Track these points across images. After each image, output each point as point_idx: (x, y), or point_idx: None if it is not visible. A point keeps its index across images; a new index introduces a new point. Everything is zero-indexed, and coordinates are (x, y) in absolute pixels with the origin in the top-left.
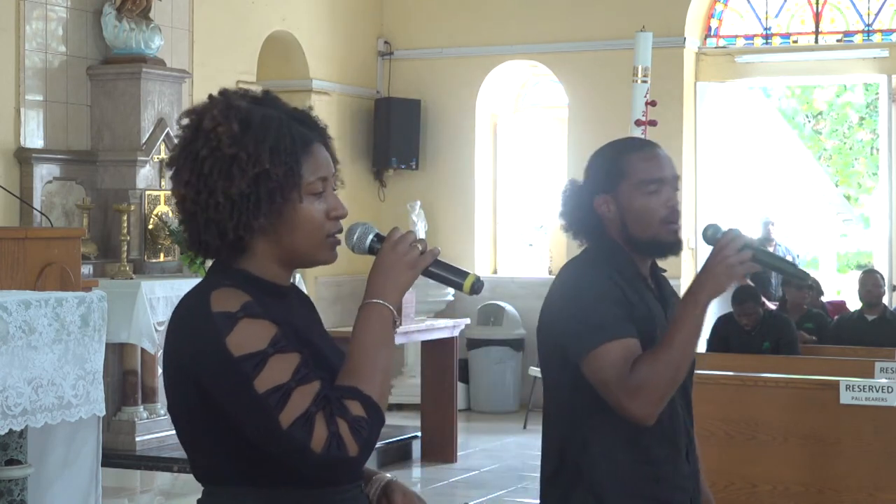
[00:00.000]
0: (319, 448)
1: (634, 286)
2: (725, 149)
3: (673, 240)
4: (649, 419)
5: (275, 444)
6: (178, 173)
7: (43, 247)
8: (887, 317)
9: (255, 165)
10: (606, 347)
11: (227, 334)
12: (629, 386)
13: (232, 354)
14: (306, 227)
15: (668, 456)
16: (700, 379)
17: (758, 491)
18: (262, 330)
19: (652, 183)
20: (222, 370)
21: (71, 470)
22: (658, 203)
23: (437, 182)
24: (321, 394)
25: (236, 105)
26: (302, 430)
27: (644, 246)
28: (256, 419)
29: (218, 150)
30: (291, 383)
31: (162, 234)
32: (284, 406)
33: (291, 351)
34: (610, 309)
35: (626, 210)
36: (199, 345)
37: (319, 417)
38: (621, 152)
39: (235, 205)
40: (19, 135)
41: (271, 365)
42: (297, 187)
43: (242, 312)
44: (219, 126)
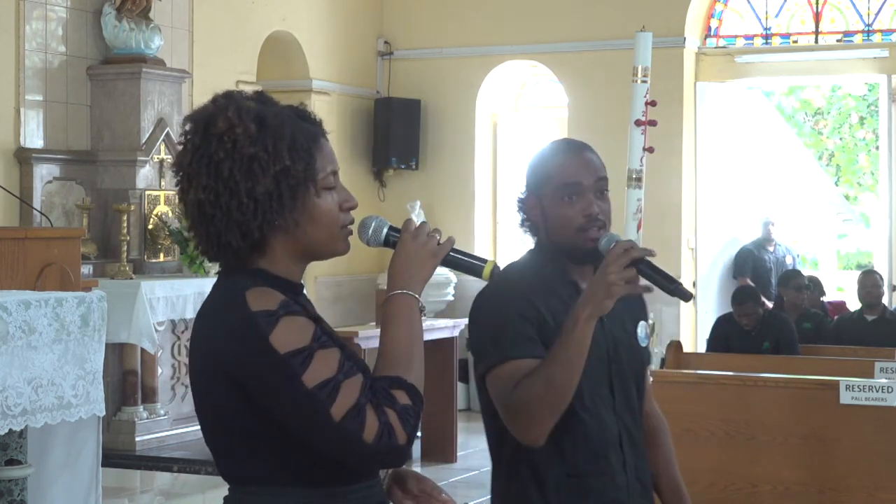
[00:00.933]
0: (371, 438)
1: (560, 295)
2: (725, 149)
3: (591, 248)
4: (535, 441)
5: (327, 437)
6: (192, 178)
7: (43, 247)
8: (887, 317)
9: (277, 163)
10: (500, 368)
11: (270, 332)
12: (510, 407)
13: (278, 352)
14: (324, 220)
15: (598, 469)
16: (700, 379)
17: (758, 491)
18: (303, 326)
19: (567, 189)
20: (268, 368)
21: (71, 470)
22: (575, 211)
23: (437, 182)
24: (366, 385)
25: (247, 106)
26: (354, 421)
27: (564, 252)
28: (306, 414)
29: (236, 152)
30: (339, 376)
31: (162, 234)
32: (335, 399)
33: (332, 346)
34: (512, 326)
35: (546, 214)
36: (242, 345)
37: (370, 408)
38: (547, 155)
39: (259, 203)
40: (19, 135)
41: (317, 360)
42: (315, 182)
43: (283, 310)
44: (235, 127)
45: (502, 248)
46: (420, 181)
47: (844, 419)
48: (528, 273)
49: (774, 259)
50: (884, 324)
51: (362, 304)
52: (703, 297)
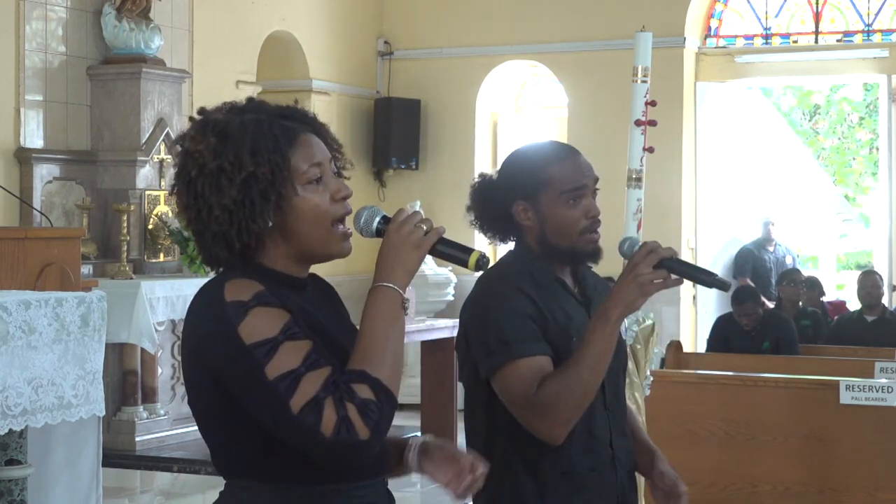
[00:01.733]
0: (329, 432)
1: (552, 292)
2: (725, 149)
3: (591, 249)
4: (557, 439)
5: (286, 429)
6: (178, 198)
7: (43, 247)
8: (887, 317)
9: (241, 171)
10: (512, 366)
11: (239, 323)
12: (535, 406)
13: (244, 342)
14: (310, 215)
15: (590, 466)
16: (700, 379)
17: (758, 491)
18: (273, 318)
19: (573, 193)
20: (235, 358)
21: (71, 470)
22: (578, 214)
23: (437, 182)
24: (331, 379)
25: (213, 119)
26: (311, 414)
27: (562, 254)
28: (268, 405)
29: (204, 167)
30: (301, 369)
31: (162, 234)
32: (294, 391)
33: (303, 338)
34: (517, 325)
35: (545, 219)
36: (214, 334)
37: (329, 402)
38: (542, 161)
39: (233, 213)
40: (19, 135)
41: (282, 351)
42: (289, 180)
43: (255, 301)
44: (199, 144)
45: (502, 248)
46: (420, 181)
47: (844, 419)
48: (520, 272)
49: (774, 259)
50: (883, 324)
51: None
52: (703, 297)
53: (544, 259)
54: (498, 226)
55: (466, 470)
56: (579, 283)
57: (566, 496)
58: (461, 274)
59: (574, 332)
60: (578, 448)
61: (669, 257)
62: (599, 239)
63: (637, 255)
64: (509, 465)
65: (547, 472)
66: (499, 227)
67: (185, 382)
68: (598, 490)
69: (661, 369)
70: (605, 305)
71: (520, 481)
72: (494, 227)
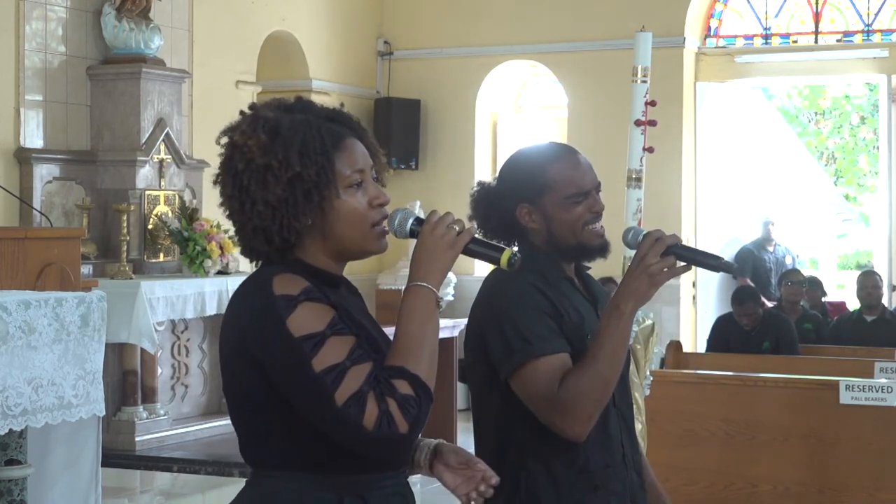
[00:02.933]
0: (371, 426)
1: (562, 289)
2: (725, 149)
3: (599, 243)
4: (581, 436)
5: (329, 421)
6: (222, 188)
7: (43, 247)
8: (886, 317)
9: (288, 170)
10: (533, 365)
11: (287, 316)
12: (557, 405)
13: (292, 335)
14: (349, 218)
15: (605, 463)
16: (700, 379)
17: (758, 491)
18: (321, 312)
19: (577, 196)
20: (282, 350)
21: (71, 470)
22: (583, 211)
23: (437, 182)
24: (373, 374)
25: (263, 116)
26: (355, 407)
27: (571, 252)
28: (312, 397)
29: (252, 162)
30: (347, 363)
31: (162, 234)
32: (339, 384)
33: (348, 333)
34: (536, 322)
35: (551, 220)
36: (261, 326)
37: (371, 396)
38: (543, 163)
39: (276, 210)
40: (19, 135)
41: (329, 345)
42: (332, 183)
43: (304, 296)
44: (249, 140)
45: None
46: (420, 181)
47: (844, 419)
48: (531, 271)
49: (774, 259)
50: (883, 324)
51: None
52: (703, 297)
53: (552, 258)
54: (502, 231)
55: (479, 477)
56: (584, 283)
57: (582, 494)
58: (461, 274)
59: (588, 330)
60: (593, 446)
61: (675, 244)
62: (605, 232)
63: (643, 246)
64: (524, 465)
65: (563, 470)
66: (503, 232)
67: (223, 368)
68: (613, 487)
69: (661, 369)
70: (617, 299)
71: (535, 480)
72: (498, 233)
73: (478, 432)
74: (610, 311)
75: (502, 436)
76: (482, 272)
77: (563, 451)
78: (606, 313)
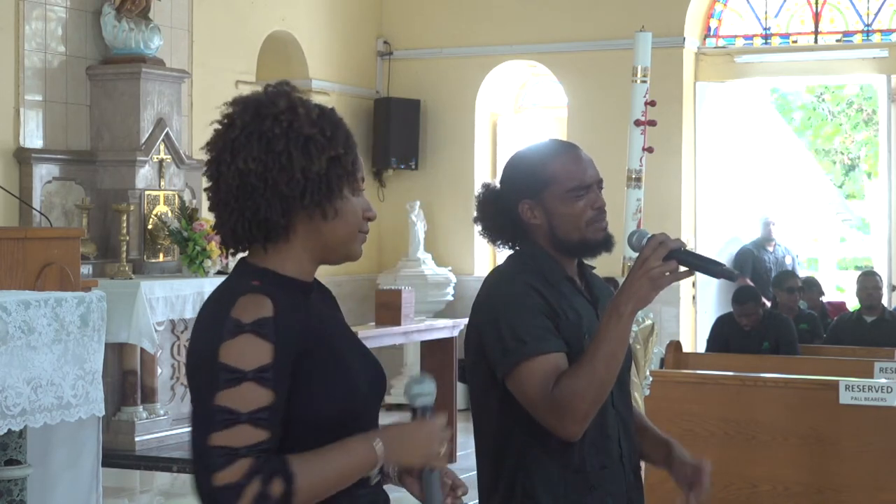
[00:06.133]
0: (220, 483)
1: (562, 290)
2: (725, 149)
3: (601, 238)
4: (575, 436)
5: (194, 453)
6: (237, 150)
7: (42, 247)
8: (886, 317)
9: (332, 148)
10: (529, 364)
11: (225, 340)
12: (552, 404)
13: (218, 358)
14: (350, 219)
15: (602, 464)
16: (700, 379)
17: (758, 491)
18: (257, 351)
19: (578, 189)
20: (203, 366)
21: (71, 470)
22: (584, 206)
23: (437, 182)
24: (263, 446)
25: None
26: (220, 459)
27: (573, 248)
28: (197, 422)
29: (292, 130)
30: (244, 416)
31: (161, 234)
32: (223, 429)
33: (270, 387)
34: (532, 322)
35: (552, 216)
36: (203, 338)
37: (243, 462)
38: (544, 158)
39: (310, 183)
40: (19, 135)
41: (242, 388)
42: (355, 180)
43: (251, 327)
44: (298, 108)
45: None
46: (420, 181)
47: (844, 419)
48: (531, 270)
49: (774, 259)
50: (883, 325)
51: (362, 304)
52: (703, 297)
53: (554, 257)
54: (506, 231)
55: (448, 485)
56: (586, 283)
57: (578, 494)
58: (461, 274)
59: (585, 330)
60: (591, 446)
61: (678, 248)
62: (608, 227)
63: (646, 249)
64: (522, 464)
65: (559, 470)
66: (506, 232)
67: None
68: (609, 488)
69: (661, 369)
70: (617, 301)
71: (533, 480)
72: (503, 233)
73: (476, 432)
74: (610, 313)
75: (501, 436)
76: (482, 272)
77: (560, 451)
78: (606, 314)
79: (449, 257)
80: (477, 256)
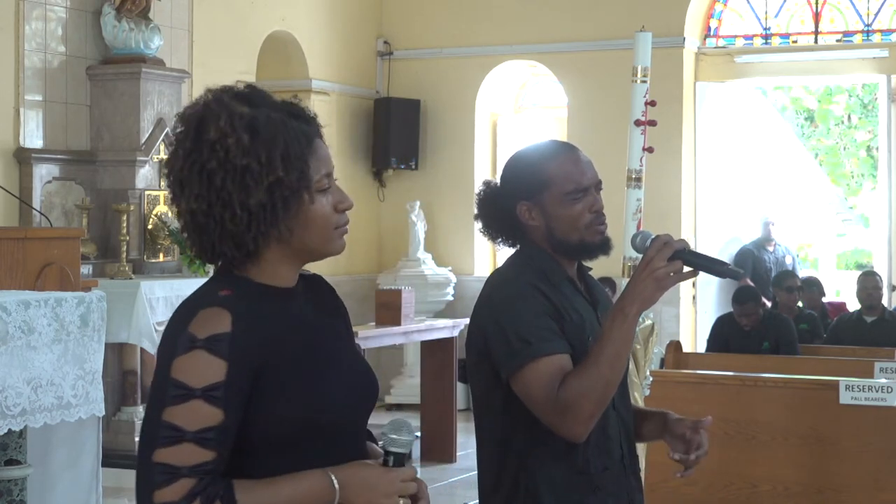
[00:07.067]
0: (159, 501)
1: (563, 291)
2: (725, 149)
3: (600, 240)
4: (580, 437)
5: (138, 468)
6: (185, 186)
7: (42, 247)
8: (886, 317)
9: (270, 174)
10: (534, 365)
11: (178, 354)
12: (557, 405)
13: (169, 372)
14: (318, 223)
15: (604, 465)
16: (700, 379)
17: (758, 491)
18: (209, 368)
19: (576, 192)
20: (155, 379)
21: (71, 470)
22: (582, 208)
23: (437, 182)
24: (207, 467)
25: (239, 112)
26: (161, 475)
27: (572, 250)
28: (143, 435)
29: (228, 162)
30: (190, 434)
31: (161, 234)
32: (168, 446)
33: (218, 406)
34: (537, 323)
35: (550, 217)
36: (161, 350)
37: (183, 482)
38: (543, 159)
39: (253, 215)
40: (19, 135)
41: (189, 406)
42: (309, 189)
43: (204, 343)
44: (227, 137)
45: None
46: (420, 181)
47: (844, 419)
48: (533, 270)
49: (774, 259)
50: (883, 325)
51: (362, 304)
52: (703, 297)
53: (554, 257)
54: (505, 230)
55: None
56: (585, 284)
57: (581, 496)
58: (461, 274)
59: (588, 332)
60: (593, 448)
61: (683, 249)
62: (607, 230)
63: (651, 249)
64: (524, 465)
65: (562, 472)
66: (506, 231)
67: None
68: (611, 489)
69: (661, 369)
70: (622, 301)
71: (535, 481)
72: (502, 232)
73: (479, 433)
74: (614, 314)
75: (503, 436)
76: (482, 272)
77: (562, 452)
78: (611, 315)
79: (449, 257)
80: (477, 256)
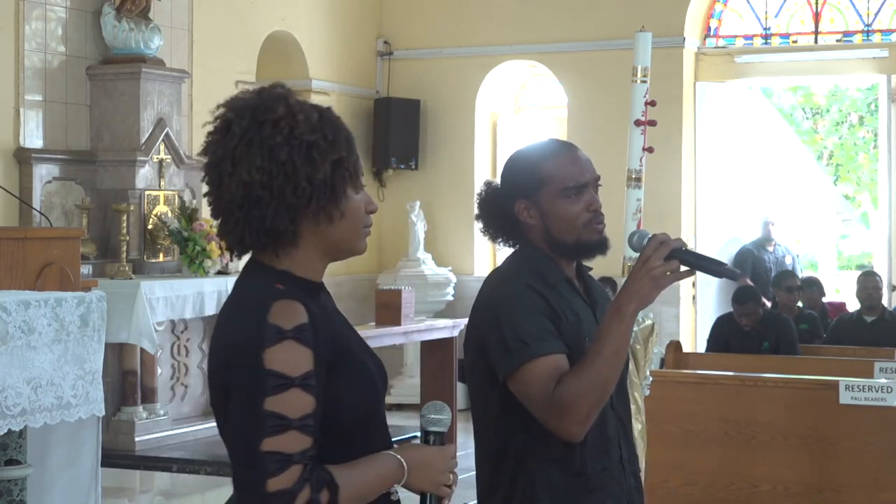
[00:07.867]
0: (272, 489)
1: (561, 291)
2: (725, 149)
3: (597, 240)
4: (577, 437)
5: (242, 458)
6: (238, 160)
7: (42, 247)
8: (886, 318)
9: (334, 152)
10: (531, 365)
11: (269, 346)
12: (554, 405)
13: (264, 364)
14: (354, 216)
15: (602, 466)
16: (700, 379)
17: (758, 491)
18: (301, 358)
19: (573, 189)
20: (247, 373)
21: (71, 470)
22: (580, 207)
23: (437, 182)
24: (308, 452)
25: (298, 100)
26: (274, 465)
27: (569, 249)
28: (244, 428)
29: (293, 138)
30: (294, 422)
31: (161, 234)
32: (275, 435)
33: (313, 394)
34: (533, 324)
35: (547, 216)
36: (241, 344)
37: (295, 469)
38: (540, 158)
39: (316, 190)
40: (19, 135)
41: (290, 395)
42: (357, 180)
43: (293, 333)
44: (297, 114)
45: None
46: (420, 181)
47: (844, 419)
48: (531, 271)
49: (774, 259)
50: (883, 325)
51: (362, 304)
52: (703, 297)
53: (552, 258)
54: (505, 230)
55: None
56: (584, 285)
57: (579, 497)
58: (461, 274)
59: (585, 332)
60: (591, 449)
61: (680, 248)
62: (605, 230)
63: (648, 248)
64: (522, 466)
65: (560, 472)
66: (506, 231)
67: (211, 381)
68: (610, 490)
69: (661, 369)
70: (619, 301)
71: (533, 482)
72: (503, 232)
73: (477, 433)
74: (612, 313)
75: (501, 437)
76: (482, 272)
77: (560, 453)
78: (608, 314)
79: (449, 257)
80: (477, 256)
